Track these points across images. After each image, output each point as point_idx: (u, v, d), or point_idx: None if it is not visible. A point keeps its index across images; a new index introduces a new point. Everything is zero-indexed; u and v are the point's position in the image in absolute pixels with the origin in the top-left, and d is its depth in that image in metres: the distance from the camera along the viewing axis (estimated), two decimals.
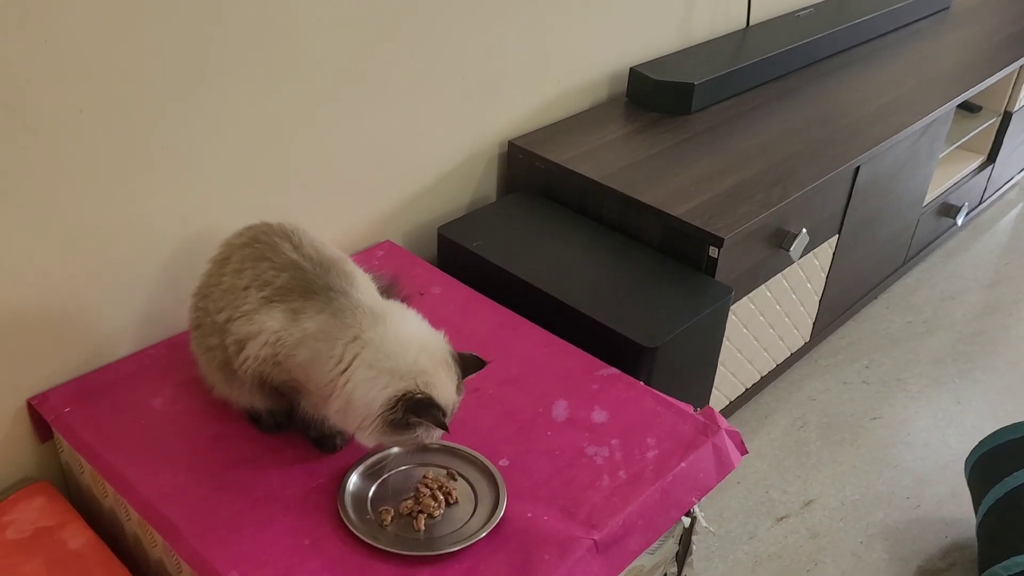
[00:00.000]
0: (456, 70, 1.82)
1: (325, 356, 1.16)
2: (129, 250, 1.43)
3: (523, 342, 1.56)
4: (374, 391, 1.15)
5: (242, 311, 1.22)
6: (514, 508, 1.24)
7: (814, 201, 1.94)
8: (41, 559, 1.25)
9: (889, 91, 2.34)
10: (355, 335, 1.16)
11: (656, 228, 1.77)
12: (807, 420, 2.22)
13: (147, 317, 1.50)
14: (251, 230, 1.30)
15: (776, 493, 2.00)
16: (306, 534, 1.19)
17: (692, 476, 1.33)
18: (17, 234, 1.29)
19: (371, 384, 1.14)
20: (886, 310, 2.64)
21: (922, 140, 2.29)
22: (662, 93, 2.15)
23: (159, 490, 1.24)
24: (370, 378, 1.14)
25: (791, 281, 2.04)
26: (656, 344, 1.52)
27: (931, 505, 2.00)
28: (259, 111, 1.51)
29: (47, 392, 1.40)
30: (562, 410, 1.42)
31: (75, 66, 1.25)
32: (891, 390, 2.33)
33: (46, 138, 1.26)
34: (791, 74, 2.43)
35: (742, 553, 1.86)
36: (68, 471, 1.45)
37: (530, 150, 1.96)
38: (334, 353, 1.16)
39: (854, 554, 1.87)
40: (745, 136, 2.06)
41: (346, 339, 1.16)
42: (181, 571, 1.22)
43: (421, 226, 1.92)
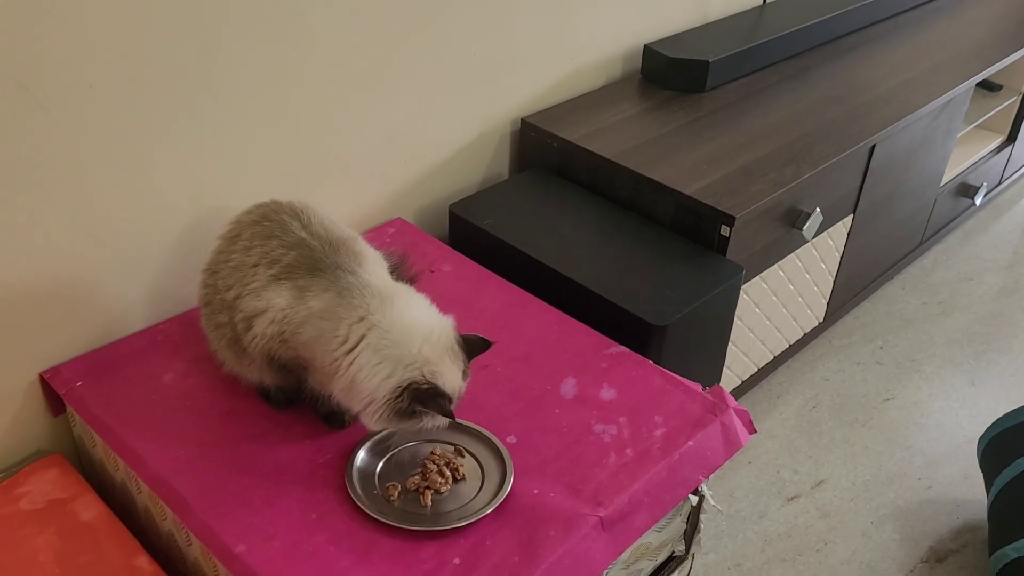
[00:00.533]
0: (469, 47, 1.81)
1: (329, 335, 1.17)
2: (140, 226, 1.44)
3: (533, 320, 1.56)
4: (378, 378, 1.15)
5: (250, 288, 1.23)
6: (521, 484, 1.24)
7: (828, 180, 1.92)
8: (53, 530, 1.27)
9: (907, 69, 2.32)
10: (361, 315, 1.17)
11: (668, 206, 1.77)
12: (820, 400, 2.21)
13: (158, 293, 1.51)
14: (261, 208, 1.30)
15: (787, 473, 2.00)
16: (313, 509, 1.20)
17: (699, 454, 1.33)
18: (30, 210, 1.30)
19: (376, 370, 1.15)
20: (902, 291, 2.63)
21: (940, 119, 2.27)
22: (676, 70, 2.14)
23: (169, 464, 1.25)
24: (374, 363, 1.15)
25: (804, 261, 2.03)
26: (665, 323, 1.52)
27: (943, 486, 1.99)
28: (270, 88, 1.51)
29: (59, 366, 1.42)
30: (571, 388, 1.42)
31: (85, 42, 1.25)
32: (905, 371, 2.32)
33: (57, 115, 1.26)
34: (807, 52, 2.41)
35: (752, 532, 1.86)
36: (80, 444, 1.46)
37: (543, 128, 1.95)
38: (339, 333, 1.16)
39: (864, 534, 1.87)
40: (759, 114, 2.05)
41: (352, 319, 1.16)
42: (191, 544, 1.23)
43: (433, 204, 1.92)
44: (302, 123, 1.59)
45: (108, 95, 1.31)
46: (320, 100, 1.60)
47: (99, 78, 1.29)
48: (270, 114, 1.53)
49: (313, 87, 1.57)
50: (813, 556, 1.81)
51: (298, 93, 1.56)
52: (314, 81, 1.57)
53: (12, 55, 1.19)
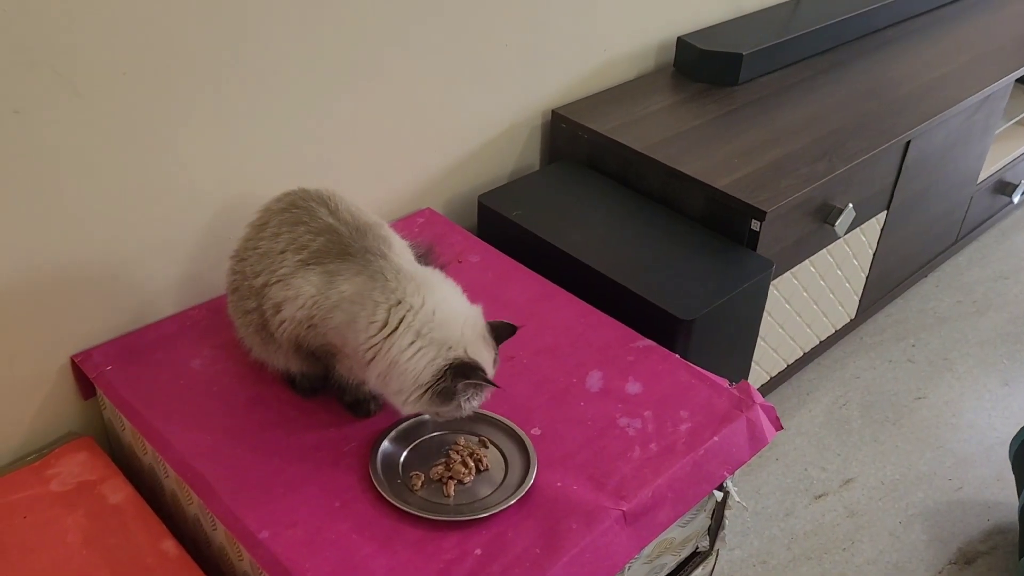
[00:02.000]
0: (502, 37, 1.81)
1: (363, 319, 1.17)
2: (171, 212, 1.45)
3: (560, 312, 1.55)
4: (423, 361, 1.15)
5: (278, 275, 1.23)
6: (544, 477, 1.24)
7: (861, 176, 1.90)
8: (82, 512, 1.29)
9: (943, 64, 2.28)
10: (399, 299, 1.17)
11: (698, 200, 1.75)
12: (849, 398, 2.19)
13: (187, 279, 1.52)
14: (288, 196, 1.31)
15: (815, 471, 1.99)
16: (337, 496, 1.21)
17: (724, 450, 1.32)
18: (62, 195, 1.31)
19: (421, 353, 1.15)
20: (935, 288, 2.59)
21: (977, 115, 2.23)
22: (709, 63, 2.12)
23: (195, 449, 1.27)
24: (419, 347, 1.15)
25: (836, 257, 2.00)
26: (692, 317, 1.51)
27: (973, 487, 1.97)
28: (302, 76, 1.51)
29: (90, 350, 1.43)
30: (596, 380, 1.41)
31: (119, 29, 1.26)
32: (937, 370, 2.29)
33: (91, 100, 1.28)
34: (842, 46, 2.37)
35: (778, 530, 1.85)
36: (110, 427, 1.48)
37: (574, 119, 1.95)
38: (376, 317, 1.16)
39: (892, 534, 1.85)
40: (792, 108, 2.03)
41: (389, 302, 1.17)
42: (216, 528, 1.24)
43: (462, 194, 1.92)
44: (333, 110, 1.59)
45: (141, 82, 1.32)
46: (351, 88, 1.60)
47: (132, 65, 1.30)
48: (301, 101, 1.54)
49: (344, 75, 1.58)
50: (840, 555, 1.80)
51: (329, 80, 1.56)
52: (345, 69, 1.57)
53: (49, 42, 1.20)
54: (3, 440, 1.40)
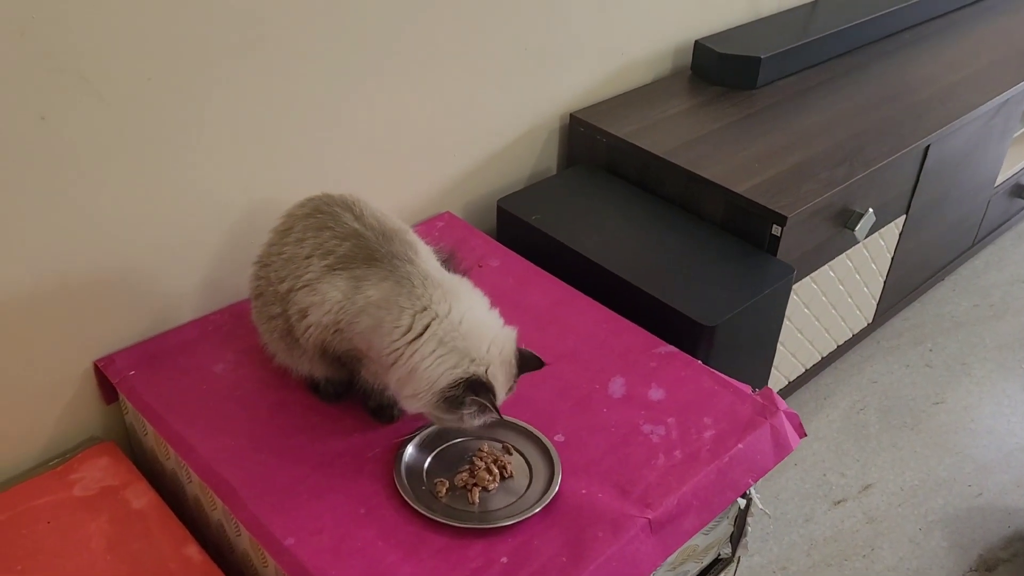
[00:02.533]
0: (519, 41, 1.80)
1: (389, 324, 1.17)
2: (193, 217, 1.45)
3: (581, 317, 1.55)
4: (442, 367, 1.15)
5: (304, 280, 1.23)
6: (568, 484, 1.24)
7: (881, 180, 1.89)
8: (106, 517, 1.29)
9: (962, 68, 2.27)
10: (424, 305, 1.17)
11: (718, 205, 1.75)
12: (867, 403, 2.18)
13: (209, 284, 1.52)
14: (313, 201, 1.30)
15: (834, 476, 1.98)
16: (361, 503, 1.20)
17: (749, 457, 1.31)
18: (86, 200, 1.31)
19: (441, 360, 1.15)
20: (952, 292, 2.58)
21: (996, 119, 2.23)
22: (727, 67, 2.11)
23: (219, 454, 1.26)
24: (440, 354, 1.15)
25: (855, 261, 2.00)
26: (715, 323, 1.50)
27: (993, 494, 1.96)
28: (321, 82, 1.51)
29: (113, 355, 1.43)
30: (619, 387, 1.41)
31: (145, 36, 1.27)
32: (955, 375, 2.28)
33: (116, 106, 1.28)
34: (860, 49, 2.37)
35: (797, 536, 1.84)
36: (132, 432, 1.48)
37: (592, 123, 1.94)
38: (401, 322, 1.16)
39: (912, 540, 1.84)
40: (811, 112, 2.02)
41: (415, 308, 1.17)
42: (240, 534, 1.24)
43: (481, 198, 1.92)
44: (353, 115, 1.59)
45: (165, 88, 1.32)
46: (371, 94, 1.60)
47: (157, 71, 1.30)
48: (321, 106, 1.53)
49: (364, 79, 1.57)
50: (860, 561, 1.79)
51: (349, 85, 1.56)
52: (365, 73, 1.57)
53: (75, 48, 1.21)
54: (26, 445, 1.41)
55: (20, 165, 1.22)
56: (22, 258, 1.28)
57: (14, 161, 1.21)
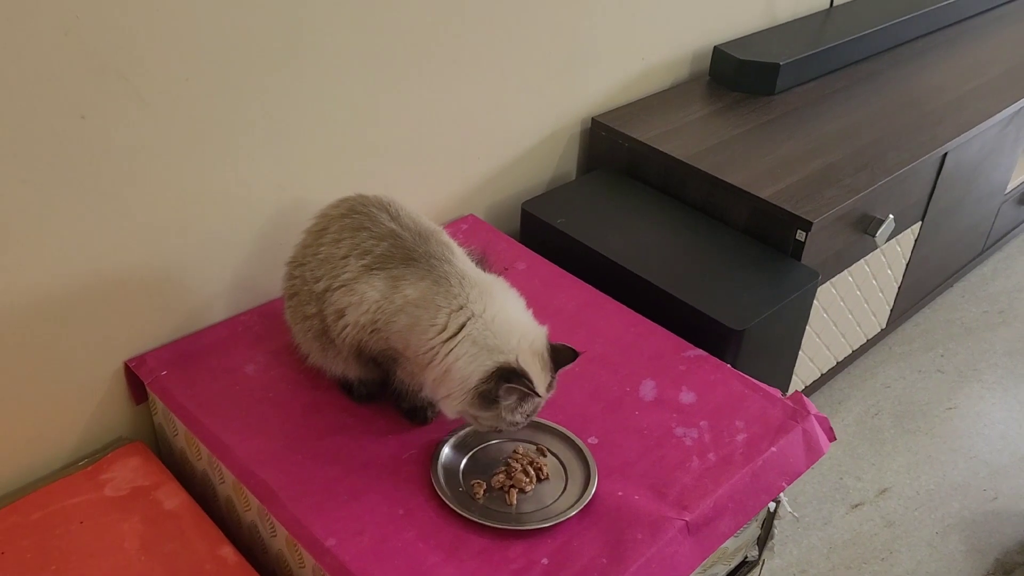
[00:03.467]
0: (544, 45, 1.81)
1: (426, 323, 1.17)
2: (225, 217, 1.45)
3: (608, 320, 1.55)
4: (473, 365, 1.15)
5: (341, 280, 1.23)
6: (604, 486, 1.24)
7: (901, 187, 1.91)
8: (138, 517, 1.28)
9: (977, 76, 2.29)
10: (460, 304, 1.17)
11: (742, 210, 1.76)
12: (881, 408, 2.19)
13: (240, 284, 1.52)
14: (347, 201, 1.30)
15: (850, 480, 1.99)
16: (400, 504, 1.20)
17: (782, 461, 1.32)
18: (122, 199, 1.31)
19: (473, 359, 1.15)
20: (961, 299, 2.60)
21: (1010, 127, 2.24)
22: (747, 73, 2.13)
23: (255, 455, 1.26)
24: (473, 353, 1.15)
25: (873, 267, 2.01)
26: (744, 327, 1.51)
27: (1008, 498, 1.97)
28: (351, 85, 1.51)
29: (144, 355, 1.43)
30: (650, 390, 1.41)
31: (184, 36, 1.27)
32: (966, 380, 2.30)
33: (154, 106, 1.28)
34: (875, 56, 2.38)
35: (816, 539, 1.85)
36: (161, 433, 1.48)
37: (614, 127, 1.95)
38: (437, 321, 1.17)
39: (930, 544, 1.85)
40: (830, 119, 2.03)
41: (451, 307, 1.17)
42: (276, 535, 1.24)
43: (503, 201, 1.92)
44: (382, 119, 1.59)
45: (203, 88, 1.32)
46: (398, 97, 1.60)
47: (195, 71, 1.30)
48: (352, 110, 1.54)
49: (394, 82, 1.58)
50: (879, 565, 1.80)
51: (378, 90, 1.56)
52: (393, 79, 1.57)
53: (116, 48, 1.20)
54: (57, 444, 1.40)
55: (59, 164, 1.22)
56: (56, 257, 1.28)
57: (53, 159, 1.21)
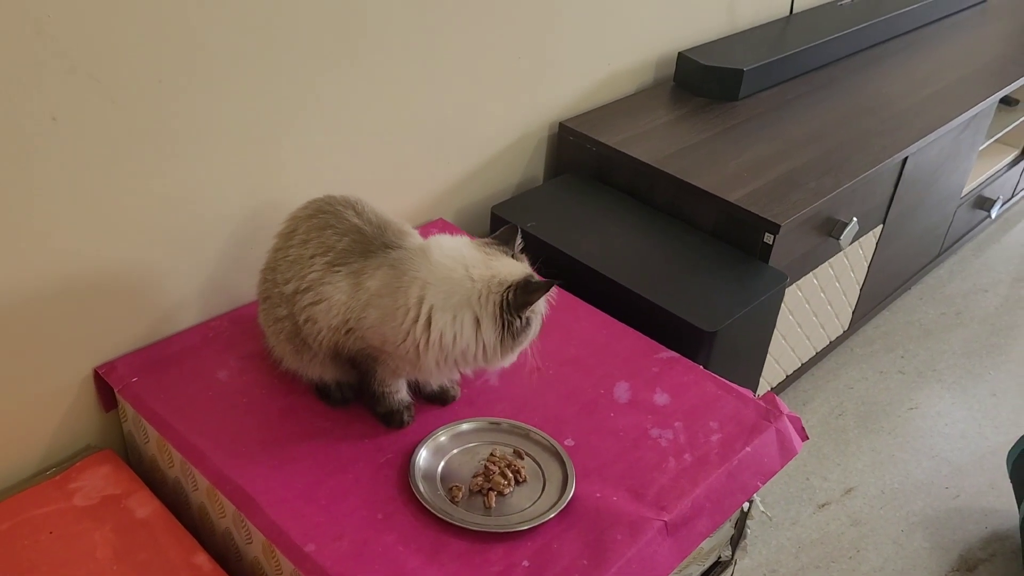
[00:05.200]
0: (512, 51, 1.82)
1: (393, 309, 1.18)
2: (198, 221, 1.43)
3: (581, 323, 1.56)
4: (469, 328, 1.17)
5: (308, 281, 1.23)
6: (582, 488, 1.24)
7: (864, 190, 1.94)
8: (110, 527, 1.26)
9: (933, 83, 2.34)
10: (414, 277, 1.18)
11: (710, 213, 1.77)
12: (845, 408, 2.22)
13: (210, 289, 1.50)
14: (315, 202, 1.31)
15: (817, 480, 2.02)
16: (379, 508, 1.20)
17: (757, 460, 1.34)
18: (91, 202, 1.29)
19: (459, 323, 1.17)
20: (920, 301, 2.65)
21: (965, 133, 2.29)
22: (711, 78, 2.15)
23: (231, 461, 1.25)
24: (450, 319, 1.17)
25: (836, 269, 2.04)
26: (716, 328, 1.53)
27: (970, 495, 2.01)
28: (322, 89, 1.51)
29: (114, 361, 1.41)
30: (624, 392, 1.42)
31: (157, 38, 1.25)
32: (927, 380, 2.34)
33: (127, 108, 1.26)
34: (834, 63, 2.42)
35: (785, 539, 1.87)
36: (131, 441, 1.45)
37: (581, 132, 1.96)
38: (400, 303, 1.17)
39: (895, 542, 1.88)
40: (794, 124, 2.06)
41: (409, 286, 1.18)
42: (251, 542, 1.23)
43: (472, 205, 1.92)
44: (350, 123, 1.59)
45: (176, 91, 1.30)
46: (367, 101, 1.59)
47: (168, 74, 1.28)
48: (321, 114, 1.53)
49: (365, 87, 1.57)
50: (846, 563, 1.82)
51: (350, 92, 1.55)
52: (366, 81, 1.57)
53: (89, 49, 1.19)
54: (24, 453, 1.37)
55: (28, 165, 1.20)
56: (25, 260, 1.25)
57: (23, 161, 1.19)
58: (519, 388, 1.42)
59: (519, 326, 1.19)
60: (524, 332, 1.20)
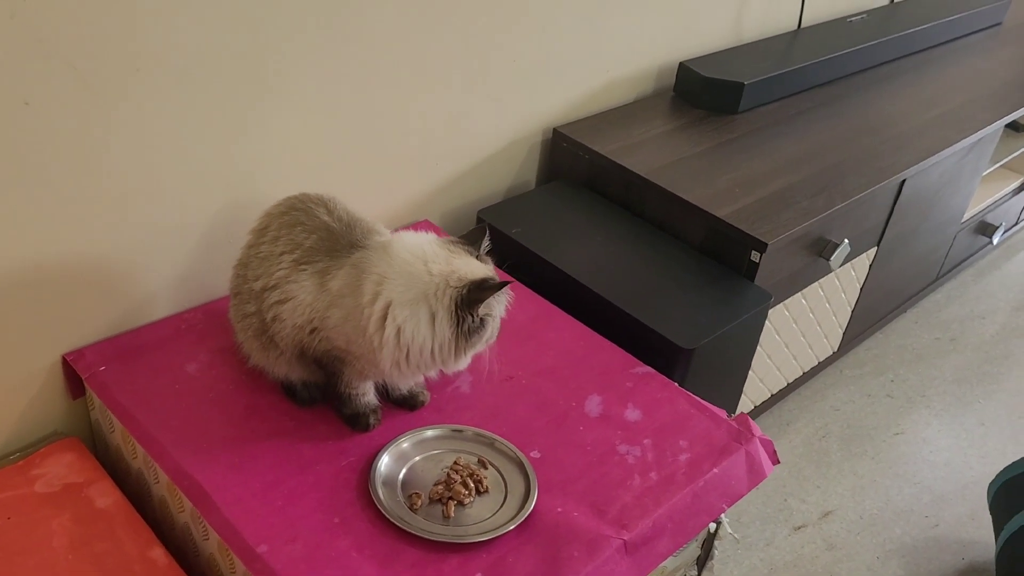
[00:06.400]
0: (509, 51, 1.80)
1: (354, 307, 1.17)
2: (173, 212, 1.43)
3: (558, 333, 1.55)
4: (424, 326, 1.16)
5: (275, 278, 1.23)
6: (544, 501, 1.23)
7: (858, 212, 1.92)
8: (69, 515, 1.26)
9: (938, 105, 2.31)
10: (373, 272, 1.17)
11: (698, 228, 1.76)
12: (829, 430, 2.20)
13: (184, 281, 1.50)
14: (288, 200, 1.30)
15: (795, 502, 2.00)
16: (336, 512, 1.19)
17: (724, 482, 1.32)
18: (64, 189, 1.28)
19: (416, 321, 1.15)
20: (914, 325, 2.62)
21: (968, 157, 2.27)
22: (711, 91, 2.13)
23: (191, 456, 1.24)
24: (406, 315, 1.15)
25: (827, 290, 2.02)
26: (694, 345, 1.51)
27: (949, 525, 1.99)
28: (307, 85, 1.49)
29: (83, 349, 1.40)
30: (595, 405, 1.41)
31: (135, 26, 1.24)
32: (915, 406, 2.32)
33: (102, 95, 1.25)
34: (840, 80, 2.40)
35: (758, 560, 1.85)
36: (97, 429, 1.45)
37: (575, 139, 1.94)
38: (361, 301, 1.16)
39: (870, 568, 1.86)
40: (791, 140, 2.04)
41: (369, 284, 1.17)
42: (208, 538, 1.22)
43: (459, 208, 1.91)
44: (337, 121, 1.58)
45: (153, 81, 1.29)
46: (356, 98, 1.58)
47: (146, 62, 1.27)
48: (305, 110, 1.52)
49: (351, 85, 1.56)
50: None
51: (336, 91, 1.54)
52: (352, 80, 1.56)
53: (65, 34, 1.18)
54: None
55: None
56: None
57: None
58: (490, 397, 1.40)
59: (471, 324, 1.17)
60: (478, 333, 1.19)
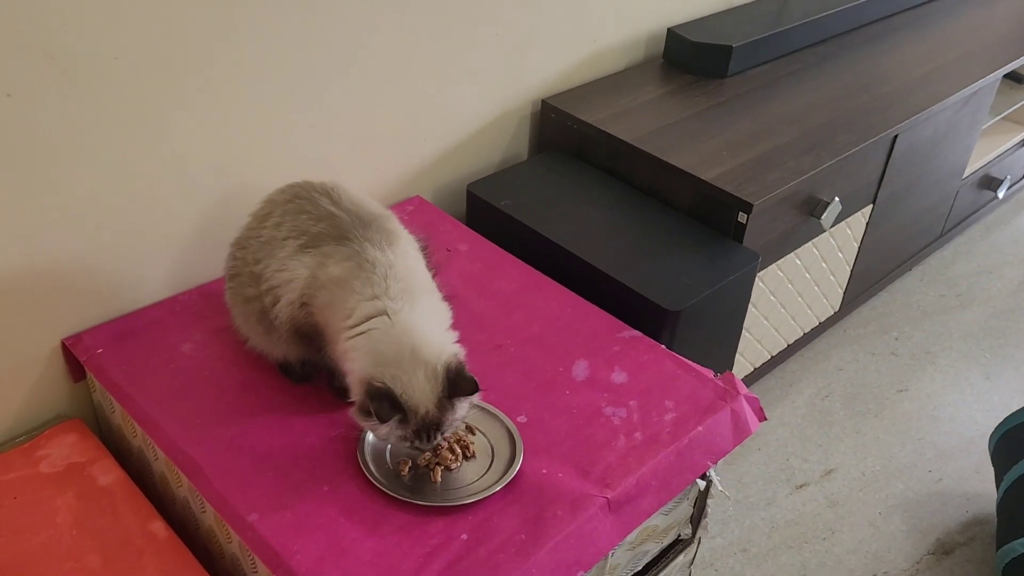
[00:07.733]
0: (494, 24, 1.81)
1: (339, 304, 1.19)
2: (163, 198, 1.46)
3: (547, 302, 1.57)
4: (358, 364, 1.16)
5: (278, 258, 1.24)
6: (530, 464, 1.26)
7: (848, 169, 1.92)
8: (72, 493, 1.30)
9: (932, 59, 2.30)
10: (376, 295, 1.17)
11: (686, 192, 1.77)
12: (832, 390, 2.21)
13: (179, 264, 1.53)
14: (293, 187, 1.31)
15: (797, 461, 2.01)
16: (326, 481, 1.22)
17: (708, 440, 1.34)
18: (55, 179, 1.32)
19: (362, 356, 1.16)
20: (920, 282, 2.62)
21: (964, 110, 2.26)
22: (699, 55, 2.13)
23: (186, 432, 1.28)
24: (365, 349, 1.16)
25: (822, 250, 2.02)
26: (679, 308, 1.53)
27: (953, 479, 1.99)
28: (293, 64, 1.52)
29: (81, 333, 1.44)
30: (582, 370, 1.43)
31: (113, 12, 1.27)
32: (920, 363, 2.32)
33: (83, 85, 1.28)
34: (831, 39, 2.39)
35: (759, 519, 1.87)
36: (99, 410, 1.49)
37: (563, 109, 1.96)
38: (347, 305, 1.18)
39: (872, 524, 1.88)
40: (781, 101, 2.04)
41: (364, 296, 1.17)
42: (205, 511, 1.26)
43: (451, 183, 1.93)
44: (324, 98, 1.60)
45: (134, 67, 1.32)
46: (344, 75, 1.61)
47: (125, 50, 1.30)
48: (291, 89, 1.54)
49: (336, 62, 1.58)
50: (820, 544, 1.82)
51: (320, 68, 1.56)
52: (336, 56, 1.58)
53: (42, 24, 1.21)
54: None
55: None
56: None
57: None
58: (479, 366, 1.41)
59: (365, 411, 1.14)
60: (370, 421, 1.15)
